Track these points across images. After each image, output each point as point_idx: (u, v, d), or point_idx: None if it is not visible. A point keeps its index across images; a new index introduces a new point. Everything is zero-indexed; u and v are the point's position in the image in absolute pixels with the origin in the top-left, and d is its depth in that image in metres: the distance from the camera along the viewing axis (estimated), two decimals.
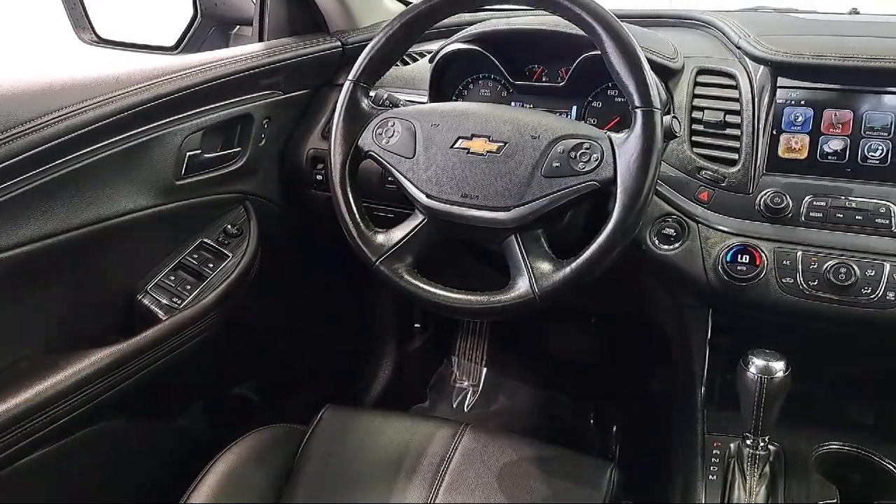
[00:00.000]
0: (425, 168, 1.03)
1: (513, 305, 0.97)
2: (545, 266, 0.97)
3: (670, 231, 1.10)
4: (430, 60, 1.30)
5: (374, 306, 1.88)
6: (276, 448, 1.16)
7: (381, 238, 1.04)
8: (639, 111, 0.93)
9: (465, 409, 2.00)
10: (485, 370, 2.04)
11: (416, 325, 1.97)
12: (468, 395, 2.02)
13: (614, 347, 1.91)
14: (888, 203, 1.02)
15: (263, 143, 1.33)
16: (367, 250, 1.03)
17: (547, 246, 1.00)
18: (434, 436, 1.17)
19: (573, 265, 0.95)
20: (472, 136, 1.02)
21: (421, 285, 1.02)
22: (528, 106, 1.28)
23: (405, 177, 1.04)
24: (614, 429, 1.83)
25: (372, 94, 1.16)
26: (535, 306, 0.97)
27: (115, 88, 1.08)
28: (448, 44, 1.26)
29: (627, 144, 0.94)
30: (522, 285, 0.97)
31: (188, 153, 1.18)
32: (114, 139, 1.07)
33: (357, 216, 1.05)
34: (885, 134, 1.06)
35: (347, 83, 1.07)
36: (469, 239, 1.04)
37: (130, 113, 1.08)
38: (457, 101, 1.32)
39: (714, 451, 1.04)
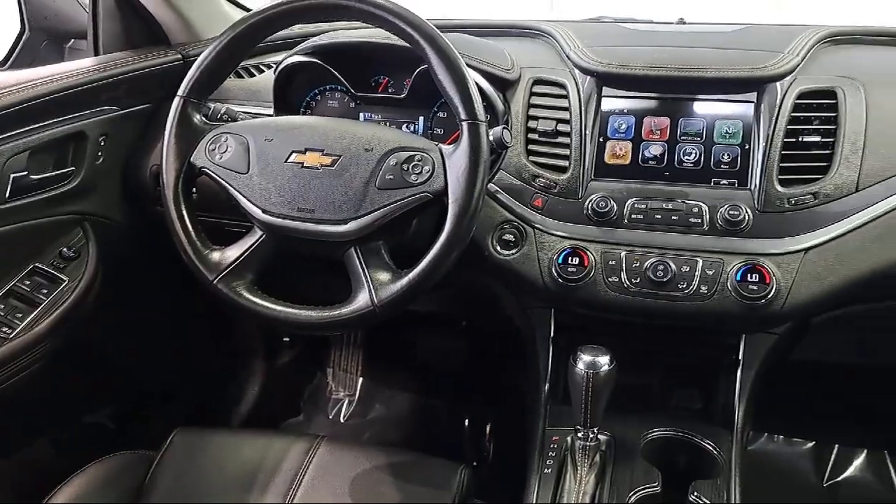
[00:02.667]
0: (260, 183, 1.02)
1: (354, 318, 0.99)
2: (384, 277, 0.99)
3: (510, 237, 1.14)
4: (274, 72, 1.29)
5: (236, 324, 1.85)
6: (121, 476, 1.13)
7: (216, 256, 1.03)
8: (464, 124, 0.97)
9: (342, 420, 2.00)
10: (360, 380, 2.05)
11: (284, 340, 1.95)
12: (344, 406, 2.02)
13: (484, 351, 1.96)
14: (700, 203, 1.09)
15: (101, 161, 1.29)
16: (204, 269, 1.02)
17: (387, 257, 1.02)
18: (288, 451, 1.16)
19: (411, 275, 0.97)
20: (306, 149, 1.02)
21: (260, 302, 1.02)
22: (376, 117, 1.30)
23: (240, 192, 1.03)
24: (488, 430, 1.88)
25: (211, 105, 1.15)
26: (376, 317, 0.98)
27: None
28: (288, 56, 1.26)
29: (456, 156, 0.97)
30: (362, 298, 0.98)
31: (12, 175, 1.13)
32: None
33: (192, 234, 1.04)
34: (698, 139, 1.14)
35: (177, 99, 1.06)
36: (309, 253, 1.04)
37: None
38: (305, 112, 1.32)
39: (552, 445, 1.09)
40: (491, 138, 1.01)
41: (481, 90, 1.14)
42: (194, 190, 1.09)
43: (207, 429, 1.23)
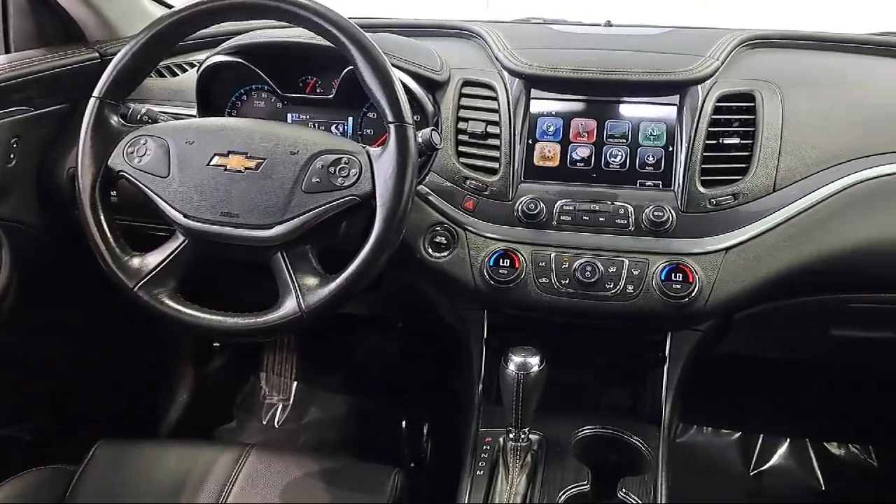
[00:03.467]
0: (181, 187, 0.99)
1: (280, 325, 0.97)
2: (312, 282, 0.98)
3: (441, 239, 1.14)
4: (197, 72, 1.26)
5: (162, 328, 1.79)
6: (40, 492, 1.09)
7: (136, 262, 1.00)
8: (391, 126, 0.96)
9: (276, 425, 1.97)
10: (295, 384, 2.02)
11: (215, 345, 1.90)
12: (278, 411, 1.99)
13: (419, 352, 1.95)
14: (626, 204, 1.11)
15: (14, 163, 1.23)
16: (123, 276, 0.99)
17: (315, 261, 1.00)
18: (217, 461, 1.14)
19: (339, 280, 0.96)
20: (229, 152, 1.00)
21: (184, 310, 0.99)
22: (304, 118, 1.27)
23: (160, 197, 1.00)
24: (425, 431, 1.87)
25: (130, 106, 1.11)
26: (303, 323, 0.97)
27: None
28: (211, 55, 1.23)
29: (383, 159, 0.96)
30: (289, 303, 0.97)
31: None
32: None
33: (111, 240, 1.00)
34: (624, 141, 1.16)
35: (92, 100, 1.02)
36: (234, 258, 1.02)
37: None
38: (231, 113, 1.29)
39: (485, 447, 1.09)
40: (420, 140, 1.00)
41: (410, 91, 1.13)
42: (114, 193, 1.06)
43: (132, 440, 1.19)
